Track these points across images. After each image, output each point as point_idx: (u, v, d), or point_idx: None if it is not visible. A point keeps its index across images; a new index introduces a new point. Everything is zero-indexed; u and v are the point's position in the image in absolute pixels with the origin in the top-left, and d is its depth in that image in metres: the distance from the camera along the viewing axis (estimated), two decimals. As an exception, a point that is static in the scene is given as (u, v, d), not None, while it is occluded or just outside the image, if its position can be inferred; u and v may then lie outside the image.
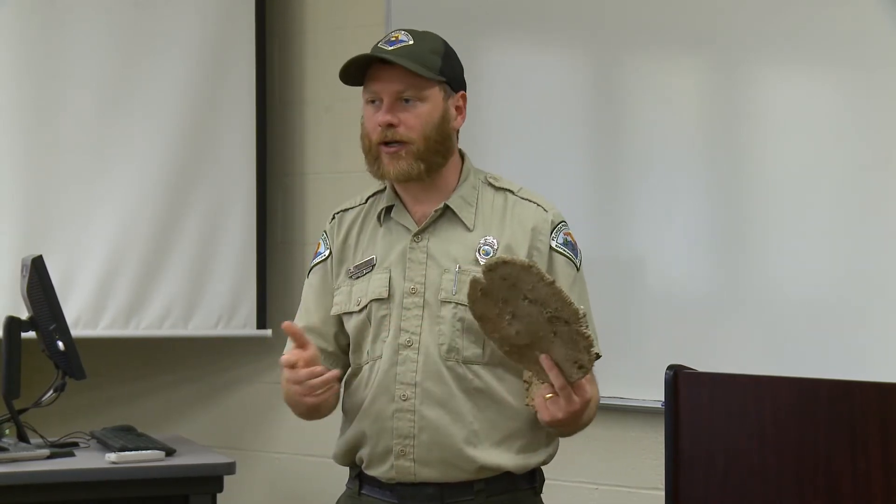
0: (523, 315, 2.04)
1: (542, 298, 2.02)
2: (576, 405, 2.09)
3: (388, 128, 2.29)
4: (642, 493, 3.56)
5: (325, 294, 2.42)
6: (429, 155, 2.31)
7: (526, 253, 2.31)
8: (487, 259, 2.05)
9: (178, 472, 3.48)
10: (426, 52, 2.32)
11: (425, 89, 2.31)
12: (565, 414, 2.10)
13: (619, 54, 3.69)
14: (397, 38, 2.32)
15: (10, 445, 3.47)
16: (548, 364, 2.06)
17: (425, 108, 2.31)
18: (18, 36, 4.14)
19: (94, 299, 4.16)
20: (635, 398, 3.54)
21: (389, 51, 2.30)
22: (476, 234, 2.34)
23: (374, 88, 2.31)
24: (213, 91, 4.30)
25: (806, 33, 3.32)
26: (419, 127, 2.30)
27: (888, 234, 3.19)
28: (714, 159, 3.51)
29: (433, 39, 2.37)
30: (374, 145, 2.32)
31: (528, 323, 2.05)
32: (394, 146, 2.30)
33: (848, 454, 1.93)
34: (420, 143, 2.30)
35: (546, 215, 2.36)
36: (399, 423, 2.28)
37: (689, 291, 3.54)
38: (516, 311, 2.05)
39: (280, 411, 4.35)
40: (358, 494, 2.38)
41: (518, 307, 2.04)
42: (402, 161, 2.30)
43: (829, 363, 3.18)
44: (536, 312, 2.03)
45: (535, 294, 2.02)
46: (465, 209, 2.35)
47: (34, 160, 4.15)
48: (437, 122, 2.32)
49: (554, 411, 2.10)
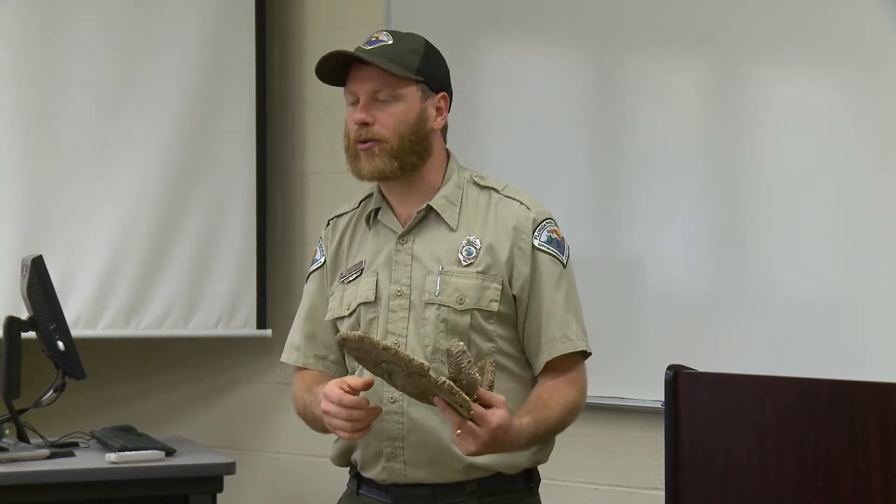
0: (395, 372, 2.09)
1: (391, 360, 2.06)
2: (483, 438, 2.07)
3: (363, 126, 2.30)
4: (642, 493, 3.56)
5: (322, 301, 2.43)
6: (402, 154, 2.31)
7: (508, 252, 2.31)
8: (337, 336, 2.15)
9: (179, 472, 3.48)
10: (404, 52, 2.33)
11: (400, 88, 2.31)
12: (478, 446, 2.08)
13: (619, 54, 3.69)
14: (377, 39, 2.33)
15: (10, 445, 3.47)
16: (441, 406, 2.08)
17: (400, 107, 2.31)
18: (18, 36, 4.14)
19: (94, 299, 4.16)
20: (635, 398, 3.54)
21: (367, 50, 2.31)
22: (459, 234, 2.33)
23: (351, 89, 2.33)
24: (214, 91, 4.30)
25: (805, 33, 3.31)
26: (393, 125, 2.30)
27: (888, 235, 3.19)
28: (714, 159, 3.51)
29: (414, 40, 2.37)
30: (352, 144, 2.33)
31: (402, 378, 2.09)
32: (368, 143, 2.30)
33: (848, 454, 1.92)
34: (394, 141, 2.30)
35: (528, 213, 2.34)
36: (388, 426, 2.28)
37: (688, 291, 3.54)
38: (389, 370, 2.09)
39: (280, 411, 4.37)
40: (356, 494, 2.39)
41: (388, 367, 2.09)
42: (376, 158, 2.30)
43: (829, 363, 3.18)
44: (399, 370, 2.07)
45: (384, 358, 2.06)
46: (449, 209, 2.35)
47: (34, 160, 4.15)
48: (413, 122, 2.32)
49: (467, 444, 2.09)
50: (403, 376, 2.08)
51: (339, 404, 2.15)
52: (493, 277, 2.29)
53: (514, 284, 2.31)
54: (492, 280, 2.28)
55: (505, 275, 2.30)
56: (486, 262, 2.30)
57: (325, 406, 2.17)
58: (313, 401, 2.29)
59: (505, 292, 2.30)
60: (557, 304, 2.31)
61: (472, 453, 2.11)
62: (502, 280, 2.30)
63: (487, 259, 2.30)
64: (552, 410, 2.25)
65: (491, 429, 2.07)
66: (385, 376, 2.12)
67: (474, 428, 2.06)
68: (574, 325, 2.32)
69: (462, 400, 2.03)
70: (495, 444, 2.10)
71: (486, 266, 2.30)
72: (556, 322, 2.30)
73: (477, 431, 2.07)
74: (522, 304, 2.31)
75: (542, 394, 2.27)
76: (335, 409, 2.16)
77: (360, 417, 2.16)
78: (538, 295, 2.31)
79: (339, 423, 2.17)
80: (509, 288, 2.30)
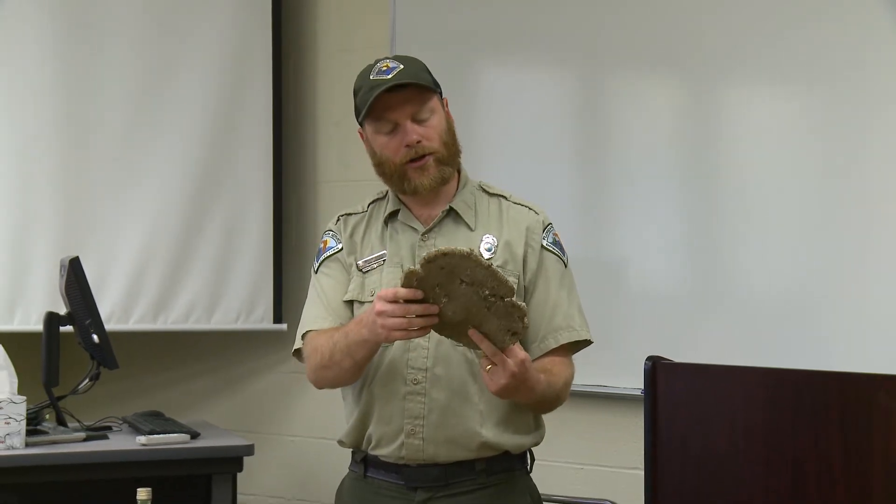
0: (458, 295, 2.02)
1: (479, 280, 2.00)
2: (511, 368, 2.05)
3: (416, 145, 2.28)
4: (624, 473, 3.56)
5: (343, 281, 2.38)
6: (450, 159, 2.33)
7: (522, 250, 2.32)
8: (428, 252, 2.02)
9: (202, 454, 3.48)
10: (418, 71, 2.32)
11: (430, 102, 2.31)
12: (507, 379, 2.05)
13: (604, 73, 3.69)
14: (389, 67, 2.29)
15: (50, 429, 3.47)
16: (477, 337, 2.04)
17: (435, 119, 2.31)
18: (58, 59, 4.13)
19: (126, 297, 4.16)
20: (617, 386, 3.54)
21: (391, 78, 2.27)
22: (478, 233, 2.35)
23: (389, 117, 2.29)
24: (233, 107, 4.30)
25: (771, 54, 3.32)
26: (437, 137, 2.31)
27: (848, 237, 3.19)
28: (689, 169, 3.51)
29: (415, 60, 2.37)
30: (400, 166, 2.30)
31: (463, 301, 2.02)
32: (423, 159, 2.29)
33: (811, 437, 1.93)
34: (442, 150, 2.31)
35: (538, 217, 2.38)
36: (410, 405, 2.26)
37: (667, 289, 3.54)
38: (451, 292, 2.02)
39: (295, 398, 4.38)
40: (363, 477, 2.35)
41: (453, 289, 2.02)
42: (432, 169, 2.30)
43: (795, 354, 3.19)
44: (472, 292, 2.01)
45: (472, 277, 2.00)
46: (467, 211, 2.36)
47: (71, 171, 4.14)
48: (447, 129, 2.34)
49: (497, 379, 2.06)
50: (461, 302, 2.02)
51: (395, 298, 2.03)
52: (511, 272, 2.30)
53: (524, 278, 2.33)
54: (510, 274, 2.28)
55: (520, 270, 2.32)
56: (504, 258, 2.31)
57: (381, 307, 2.06)
58: (349, 330, 2.21)
59: (520, 286, 2.31)
60: (562, 298, 2.33)
61: (500, 388, 2.07)
62: (518, 275, 2.31)
63: (506, 255, 2.32)
64: (558, 378, 2.26)
65: (520, 360, 2.05)
66: (442, 300, 2.03)
67: (505, 359, 2.04)
68: (577, 317, 2.34)
69: (520, 312, 2.01)
70: (521, 378, 2.07)
71: (505, 261, 2.31)
72: (561, 313, 2.32)
73: (507, 362, 2.04)
74: (528, 295, 2.32)
75: (548, 365, 2.27)
76: (391, 307, 2.04)
77: (418, 311, 2.04)
78: (545, 288, 2.33)
79: (394, 322, 2.05)
80: (523, 281, 2.32)
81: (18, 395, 3.33)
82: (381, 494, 2.33)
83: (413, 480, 2.29)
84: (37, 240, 4.10)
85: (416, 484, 2.29)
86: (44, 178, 4.12)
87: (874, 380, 1.91)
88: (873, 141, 3.16)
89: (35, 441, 3.36)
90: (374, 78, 2.29)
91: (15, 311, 4.06)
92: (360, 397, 2.33)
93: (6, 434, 3.27)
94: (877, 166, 3.15)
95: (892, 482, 1.86)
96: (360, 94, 2.31)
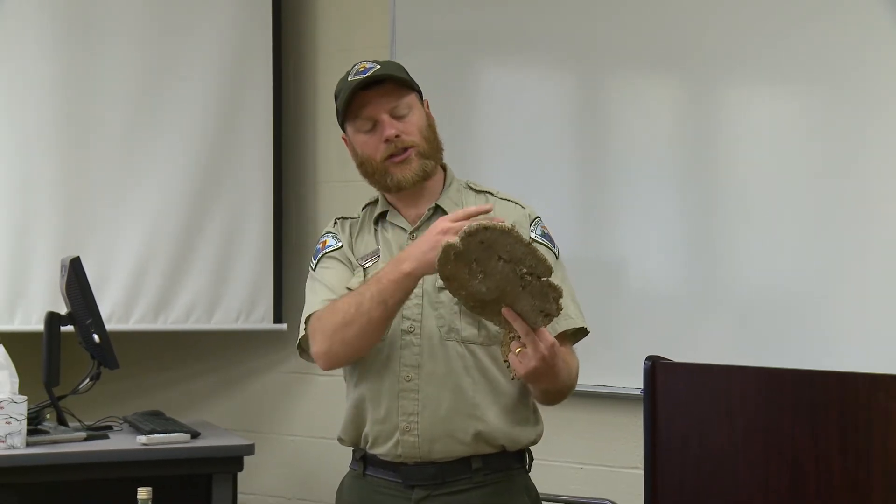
0: (494, 273, 2.00)
1: (517, 257, 1.98)
2: (543, 351, 2.04)
3: (394, 139, 2.29)
4: (623, 472, 3.56)
5: (345, 273, 2.38)
6: (431, 152, 2.34)
7: None
8: (469, 226, 1.99)
9: (203, 453, 3.49)
10: (396, 69, 2.35)
11: (408, 98, 2.33)
12: (538, 362, 2.05)
13: (603, 74, 3.69)
14: (366, 67, 2.31)
15: (51, 428, 3.47)
16: (511, 315, 2.03)
17: (414, 114, 2.33)
18: (59, 61, 4.13)
19: (127, 296, 4.16)
20: (617, 386, 3.54)
21: (370, 74, 2.29)
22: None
23: (367, 114, 2.31)
24: (233, 108, 4.30)
25: (770, 54, 3.32)
26: (416, 131, 2.32)
27: (847, 236, 3.19)
28: (688, 169, 3.51)
29: (393, 62, 2.41)
30: (381, 163, 2.31)
31: (498, 279, 2.00)
32: (404, 153, 2.30)
33: (810, 437, 1.93)
34: (422, 143, 2.32)
35: (524, 211, 2.39)
36: (404, 402, 2.27)
37: (666, 289, 3.54)
38: (487, 269, 2.00)
39: (295, 398, 4.38)
40: (363, 475, 2.36)
41: (490, 266, 2.00)
42: (413, 163, 2.31)
43: (794, 354, 3.19)
44: (509, 270, 1.99)
45: (511, 254, 1.98)
46: (453, 209, 2.35)
47: (72, 172, 4.14)
48: (426, 124, 2.35)
49: (527, 362, 2.06)
50: (496, 280, 2.00)
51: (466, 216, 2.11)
52: None
53: None
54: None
55: None
56: None
57: (446, 226, 2.12)
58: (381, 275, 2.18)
59: None
60: None
61: (529, 371, 2.06)
62: None
63: None
64: (570, 366, 2.25)
65: (550, 343, 2.05)
66: (478, 276, 2.01)
67: (537, 341, 2.04)
68: (572, 306, 2.33)
69: (556, 293, 2.00)
70: (550, 358, 2.06)
71: None
72: None
73: (539, 345, 2.04)
74: None
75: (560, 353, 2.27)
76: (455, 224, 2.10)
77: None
78: None
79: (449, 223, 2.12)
80: None
81: (19, 395, 3.33)
82: (380, 493, 2.33)
83: (410, 478, 2.29)
84: (37, 240, 4.10)
85: (414, 482, 2.29)
86: (44, 178, 4.12)
87: (874, 380, 1.91)
88: (873, 141, 3.16)
89: (36, 441, 3.36)
90: (351, 79, 2.31)
91: (16, 311, 4.06)
92: (355, 395, 2.34)
93: (7, 434, 3.27)
94: (876, 166, 3.15)
95: (892, 482, 1.86)
96: (340, 97, 2.34)
